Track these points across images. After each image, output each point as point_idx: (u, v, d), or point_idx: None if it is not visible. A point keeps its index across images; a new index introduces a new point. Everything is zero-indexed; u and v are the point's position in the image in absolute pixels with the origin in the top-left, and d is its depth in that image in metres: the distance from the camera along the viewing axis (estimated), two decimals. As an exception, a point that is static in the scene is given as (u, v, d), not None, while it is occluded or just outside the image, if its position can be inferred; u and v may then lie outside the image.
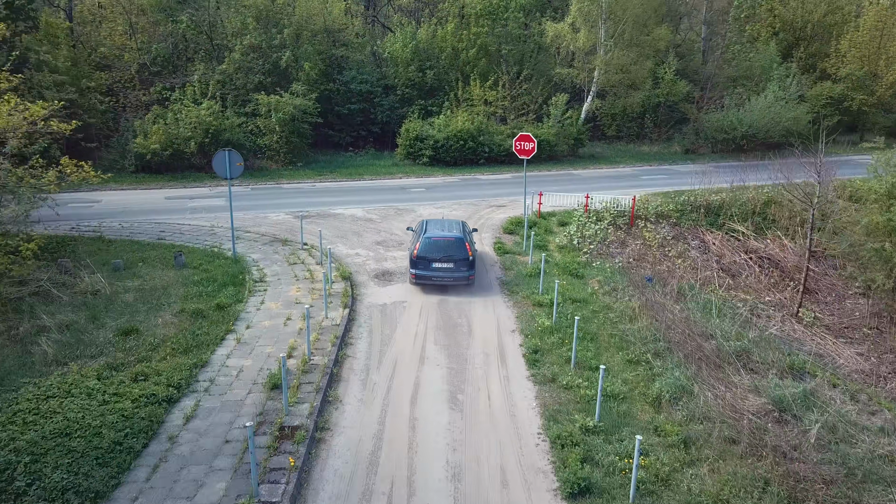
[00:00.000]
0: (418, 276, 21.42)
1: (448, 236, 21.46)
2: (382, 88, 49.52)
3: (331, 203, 34.40)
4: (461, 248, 21.32)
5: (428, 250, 21.22)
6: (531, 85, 48.16)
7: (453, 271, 21.23)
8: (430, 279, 21.39)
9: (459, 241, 21.40)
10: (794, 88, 50.99)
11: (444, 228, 22.37)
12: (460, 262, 21.26)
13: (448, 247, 21.27)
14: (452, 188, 38.80)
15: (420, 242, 21.41)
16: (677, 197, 33.71)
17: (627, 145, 52.27)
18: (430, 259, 21.20)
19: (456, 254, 21.24)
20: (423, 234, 21.79)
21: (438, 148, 44.68)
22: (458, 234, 21.70)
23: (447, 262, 21.20)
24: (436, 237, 21.44)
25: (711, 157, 49.78)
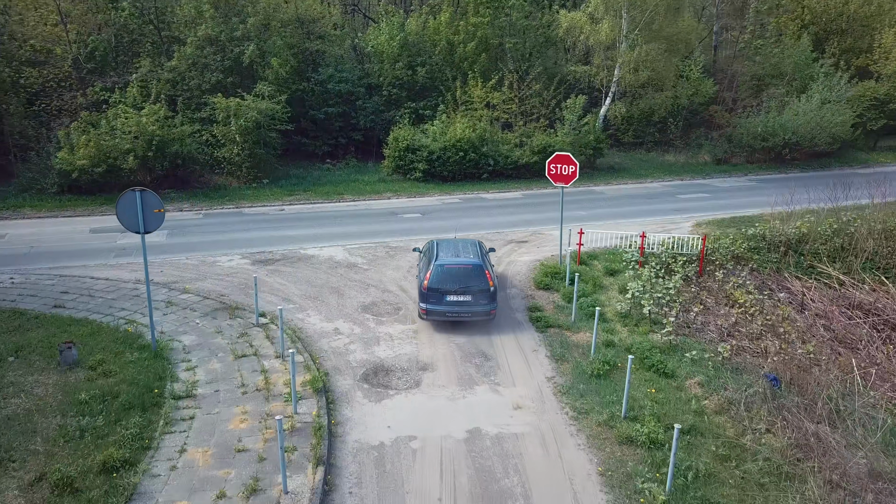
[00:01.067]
0: (430, 311, 17.70)
1: (464, 263, 17.73)
2: (365, 89, 41.34)
3: (303, 238, 26.25)
4: (480, 277, 17.58)
5: (441, 280, 17.52)
6: (542, 85, 40.20)
7: (471, 305, 17.56)
8: (444, 315, 17.68)
9: (478, 269, 17.65)
10: (843, 89, 43.55)
11: (459, 252, 18.45)
12: (479, 294, 17.55)
13: (464, 276, 17.58)
14: (454, 213, 30.82)
15: (431, 271, 17.67)
16: (747, 231, 25.98)
17: (648, 154, 44.58)
18: (443, 291, 17.53)
19: (474, 284, 17.51)
20: (434, 261, 17.95)
21: (433, 161, 36.65)
22: (475, 259, 17.94)
23: (464, 294, 17.53)
24: (449, 264, 17.73)
25: (748, 169, 42.23)
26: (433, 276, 17.54)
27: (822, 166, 43.35)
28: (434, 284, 17.52)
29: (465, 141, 36.54)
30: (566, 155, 21.71)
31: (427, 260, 18.71)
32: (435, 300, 17.62)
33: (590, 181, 38.32)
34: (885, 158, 46.02)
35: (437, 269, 17.63)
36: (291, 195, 33.96)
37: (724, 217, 30.10)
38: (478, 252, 18.62)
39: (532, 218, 29.75)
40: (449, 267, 17.66)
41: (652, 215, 30.54)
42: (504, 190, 36.17)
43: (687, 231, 27.97)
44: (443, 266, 17.68)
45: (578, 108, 38.82)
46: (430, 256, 18.53)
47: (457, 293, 17.54)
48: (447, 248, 18.84)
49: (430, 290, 17.56)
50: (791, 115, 41.83)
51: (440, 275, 17.55)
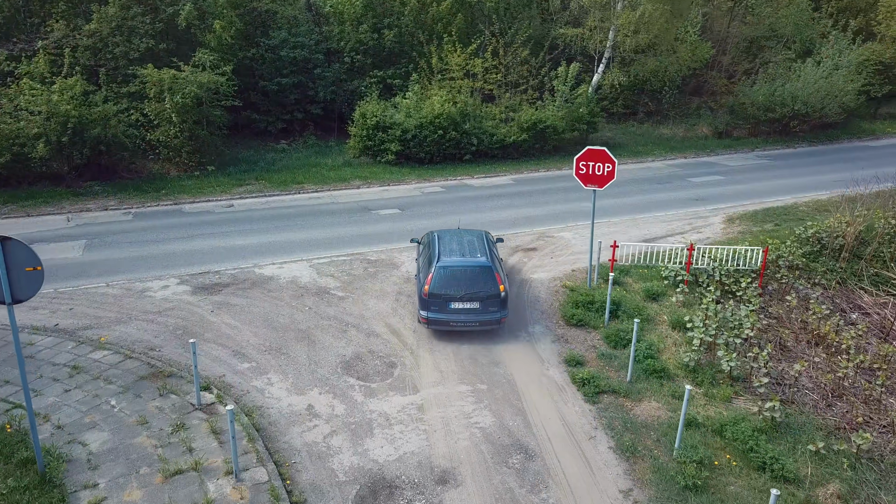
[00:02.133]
0: (431, 320, 15.25)
1: (470, 265, 15.21)
2: (324, 55, 35.44)
3: (257, 250, 20.82)
4: (489, 280, 15.05)
5: (443, 285, 15.03)
6: (529, 51, 34.80)
7: (479, 313, 15.11)
8: (449, 324, 15.20)
9: (486, 270, 15.15)
10: (853, 54, 39.18)
11: (464, 250, 15.88)
12: (489, 300, 15.05)
13: (471, 279, 15.07)
14: (439, 207, 25.59)
15: (433, 274, 15.13)
16: (799, 232, 21.43)
17: (642, 127, 39.75)
18: (446, 297, 15.04)
19: (482, 289, 15.03)
20: (436, 262, 15.36)
21: (408, 141, 31.20)
22: (483, 259, 15.38)
23: (470, 300, 15.06)
24: (453, 265, 15.22)
25: (752, 143, 37.78)
26: (435, 280, 15.01)
27: (830, 139, 39.23)
28: (436, 290, 14.99)
29: (445, 117, 31.15)
30: (600, 150, 16.63)
31: (427, 259, 16.01)
32: (437, 307, 15.11)
33: (585, 161, 33.34)
34: (892, 129, 42.13)
35: (440, 273, 15.09)
36: (241, 185, 28.25)
37: (756, 209, 25.52)
38: (485, 248, 15.97)
39: (533, 214, 24.73)
40: (453, 269, 15.12)
41: (670, 207, 25.81)
42: (491, 174, 30.99)
43: (720, 229, 23.33)
44: (446, 268, 15.14)
45: (571, 78, 33.67)
46: (431, 254, 15.88)
47: (462, 300, 15.04)
48: (450, 243, 16.25)
49: (432, 297, 15.04)
50: (800, 83, 37.37)
51: (443, 278, 15.03)
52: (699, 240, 22.17)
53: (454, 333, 15.72)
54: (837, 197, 27.03)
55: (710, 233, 22.91)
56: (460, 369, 14.29)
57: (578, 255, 20.57)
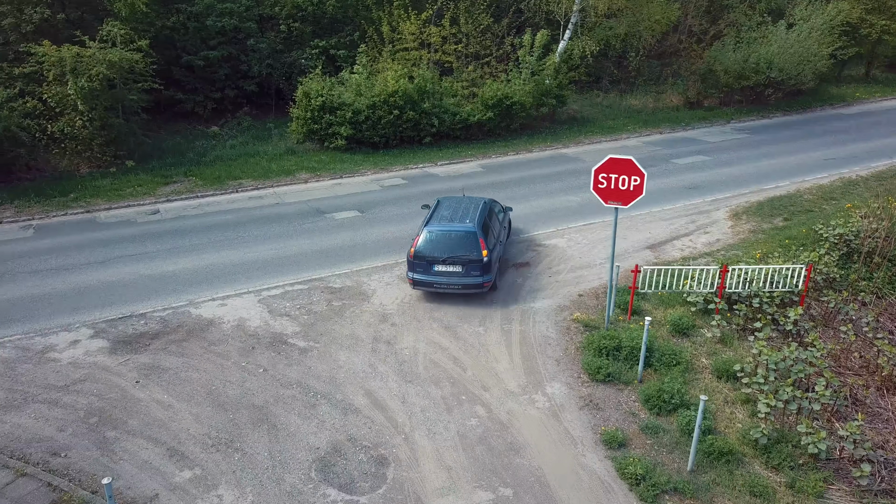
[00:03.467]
0: (416, 281, 15.49)
1: (455, 230, 15.33)
2: (257, 23, 30.77)
3: (191, 276, 16.78)
4: (472, 245, 15.07)
5: (428, 248, 15.23)
6: (491, 18, 30.84)
7: (462, 276, 15.17)
8: (432, 286, 15.40)
9: (470, 235, 15.19)
10: (826, 14, 36.56)
11: (455, 216, 15.98)
12: (471, 264, 15.04)
13: (454, 244, 15.16)
14: (403, 206, 21.84)
15: (420, 237, 15.42)
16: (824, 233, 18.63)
17: (608, 97, 36.48)
18: (430, 260, 15.20)
19: (465, 253, 15.05)
20: (424, 225, 15.73)
21: (360, 123, 27.13)
22: (469, 225, 15.37)
23: (453, 264, 15.11)
24: (438, 230, 15.41)
25: (726, 114, 35.00)
26: (420, 243, 15.39)
27: (803, 107, 36.80)
28: (421, 252, 15.33)
29: (401, 95, 27.13)
30: (625, 160, 13.19)
31: (423, 222, 16.22)
32: (422, 269, 15.41)
33: (556, 141, 29.95)
34: (860, 93, 40.07)
35: (426, 236, 15.46)
36: (168, 183, 23.82)
37: (759, 199, 22.65)
38: (477, 216, 15.98)
39: (514, 214, 21.22)
40: (439, 233, 15.44)
41: (664, 199, 22.70)
42: (456, 159, 27.27)
43: (727, 228, 20.38)
44: (431, 232, 15.50)
45: (539, 47, 29.98)
46: (425, 219, 16.37)
47: (445, 263, 15.27)
48: (446, 209, 16.64)
49: (417, 258, 15.39)
50: (775, 48, 34.62)
51: (428, 241, 15.37)
52: (709, 244, 19.17)
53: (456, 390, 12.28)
54: (838, 180, 24.49)
55: (719, 233, 19.92)
56: (472, 463, 10.88)
57: (581, 272, 17.27)
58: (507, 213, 18.70)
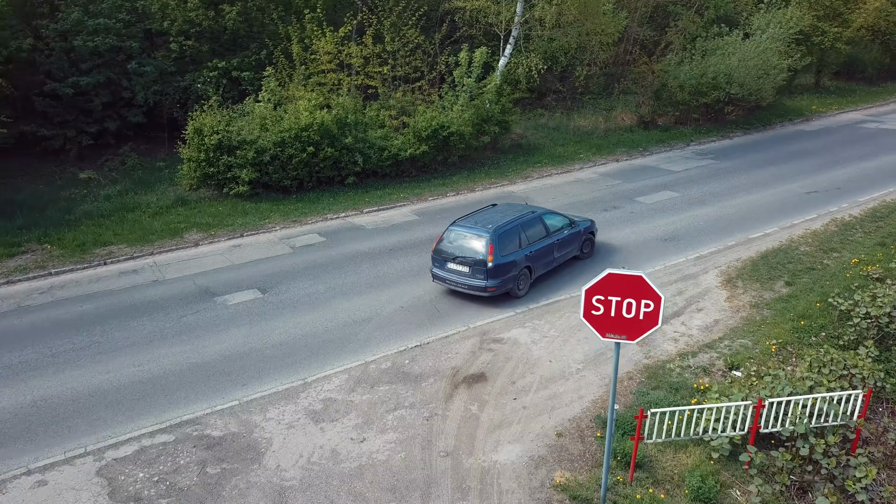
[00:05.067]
0: (434, 274, 16.04)
1: (471, 232, 15.54)
2: (140, 42, 25.17)
3: (9, 427, 11.42)
4: (480, 249, 15.17)
5: (445, 245, 15.77)
6: (420, 34, 25.97)
7: (468, 277, 15.40)
8: (444, 281, 15.85)
9: (481, 239, 15.27)
10: (792, 22, 33.09)
11: (486, 220, 15.94)
12: (475, 266, 15.20)
13: (465, 246, 15.44)
14: (319, 279, 16.86)
15: (442, 234, 16.09)
16: (838, 304, 14.53)
17: (553, 116, 32.08)
18: (445, 257, 15.66)
19: (471, 255, 15.27)
20: (451, 223, 16.21)
21: (266, 164, 21.94)
22: (485, 231, 15.39)
23: (461, 264, 15.40)
24: (458, 230, 15.79)
25: (683, 134, 31.07)
26: (441, 240, 15.87)
27: (763, 123, 33.28)
28: (439, 248, 15.80)
29: (316, 128, 22.06)
30: (633, 278, 8.53)
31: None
32: (439, 265, 15.81)
33: (500, 175, 25.36)
34: (817, 106, 36.88)
35: (446, 234, 15.88)
36: (14, 254, 18.19)
37: (749, 255, 18.47)
38: (504, 222, 15.76)
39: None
40: (457, 233, 15.71)
41: (642, 259, 18.33)
42: (385, 204, 22.35)
43: (723, 300, 16.10)
44: (450, 231, 15.85)
45: (478, 66, 25.32)
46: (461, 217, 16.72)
47: (455, 261, 15.48)
48: (485, 213, 16.66)
49: (436, 253, 15.86)
50: (735, 61, 30.87)
51: (447, 240, 15.76)
52: (707, 328, 14.83)
53: None
54: (831, 223, 20.65)
55: (715, 310, 15.62)
56: None
57: (555, 387, 12.63)
58: (577, 225, 17.58)
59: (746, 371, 13.03)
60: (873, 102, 38.57)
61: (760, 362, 13.33)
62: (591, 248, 18.20)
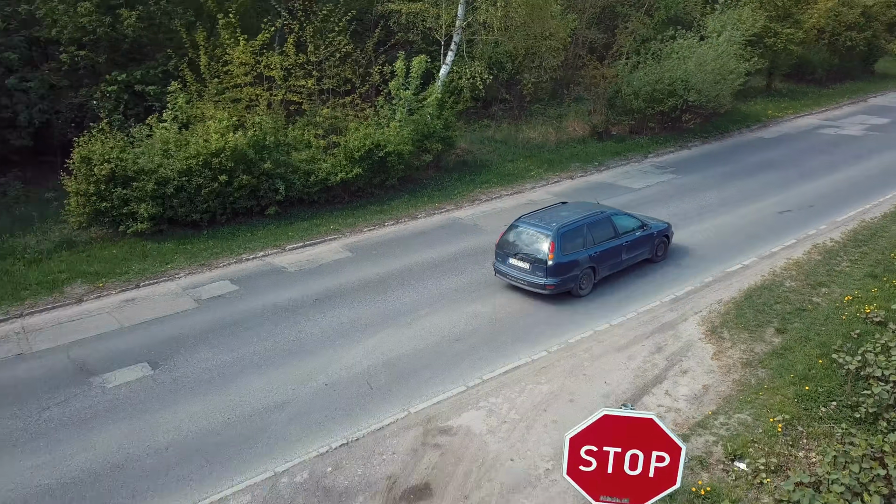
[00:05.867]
0: (496, 269, 16.05)
1: (533, 228, 15.46)
2: (23, 51, 21.39)
3: None
4: (542, 247, 14.99)
5: (509, 240, 15.73)
6: (350, 41, 22.77)
7: (528, 274, 15.27)
8: (505, 276, 15.82)
9: (543, 237, 15.10)
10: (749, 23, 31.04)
11: (552, 218, 15.77)
12: (536, 263, 15.05)
13: (527, 242, 15.36)
14: (225, 345, 13.64)
15: (506, 229, 16.07)
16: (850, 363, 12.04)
17: (500, 128, 29.26)
18: (507, 252, 15.67)
19: (532, 252, 15.15)
20: (517, 218, 16.18)
21: (169, 197, 18.49)
22: (549, 227, 15.20)
23: (522, 260, 15.32)
24: (522, 226, 15.73)
25: (640, 145, 28.66)
26: (504, 235, 15.87)
27: (721, 131, 31.13)
28: (502, 243, 15.80)
29: (229, 153, 18.73)
30: (642, 420, 5.67)
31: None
32: (500, 259, 15.81)
33: (445, 198, 22.41)
34: (772, 110, 35.01)
35: (509, 229, 15.88)
36: None
37: (733, 295, 15.93)
38: (569, 221, 15.48)
39: (396, 348, 13.54)
40: (520, 230, 15.65)
41: (609, 305, 15.69)
42: (314, 237, 19.16)
43: (709, 358, 13.49)
44: (514, 227, 15.82)
45: (417, 76, 22.31)
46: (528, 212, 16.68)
47: (516, 257, 15.42)
48: (552, 210, 16.52)
49: (498, 247, 15.88)
50: (692, 66, 28.59)
51: (511, 235, 15.73)
52: (696, 398, 12.19)
53: None
54: (813, 251, 18.35)
55: (703, 372, 12.98)
56: None
57: (519, 500, 9.74)
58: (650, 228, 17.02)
59: (753, 463, 10.40)
60: (826, 105, 36.97)
61: (767, 448, 10.72)
62: (664, 252, 17.78)
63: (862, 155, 27.51)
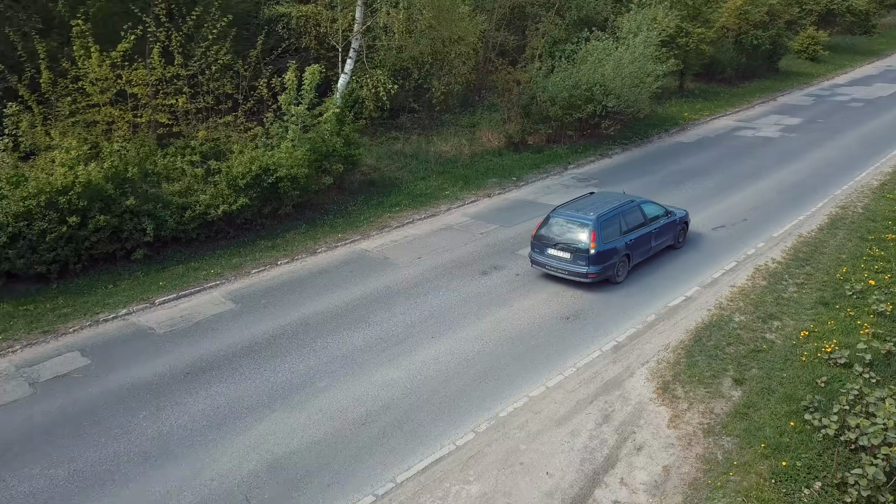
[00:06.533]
0: (533, 259, 16.06)
1: (574, 218, 15.56)
2: None
3: None
4: (582, 236, 15.14)
5: (547, 231, 15.74)
6: (231, 49, 19.52)
7: (569, 263, 15.34)
8: (544, 266, 15.82)
9: (583, 227, 15.25)
10: (664, 24, 29.50)
11: (587, 207, 15.95)
12: (578, 253, 15.18)
13: (567, 232, 15.42)
14: (62, 452, 10.39)
15: (543, 220, 16.11)
16: (828, 425, 10.05)
17: (409, 140, 26.57)
18: (545, 242, 15.64)
19: (573, 242, 15.25)
20: (553, 210, 16.28)
21: (4, 246, 14.86)
22: (589, 216, 15.40)
23: (563, 250, 15.36)
24: (559, 217, 15.80)
25: (558, 156, 26.60)
26: (542, 225, 15.90)
27: (640, 136, 29.49)
28: (540, 233, 15.80)
29: (82, 189, 15.27)
30: None
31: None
32: (538, 250, 15.82)
33: (349, 226, 19.54)
34: (688, 112, 33.78)
35: (547, 220, 15.91)
36: None
37: (679, 337, 13.82)
38: (604, 210, 15.65)
39: (286, 439, 10.70)
40: (558, 220, 15.73)
41: (541, 359, 13.30)
42: (190, 285, 15.93)
43: (664, 423, 11.26)
44: (551, 218, 15.86)
45: (310, 89, 19.32)
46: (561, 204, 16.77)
47: (557, 247, 15.45)
48: (586, 200, 16.75)
49: (536, 239, 15.87)
50: (609, 69, 26.74)
51: (547, 224, 15.82)
52: (657, 487, 9.89)
53: None
54: (756, 274, 16.57)
55: (661, 449, 10.71)
56: None
57: None
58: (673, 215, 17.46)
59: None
60: (739, 106, 36.10)
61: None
62: (684, 238, 18.15)
63: (783, 158, 26.35)
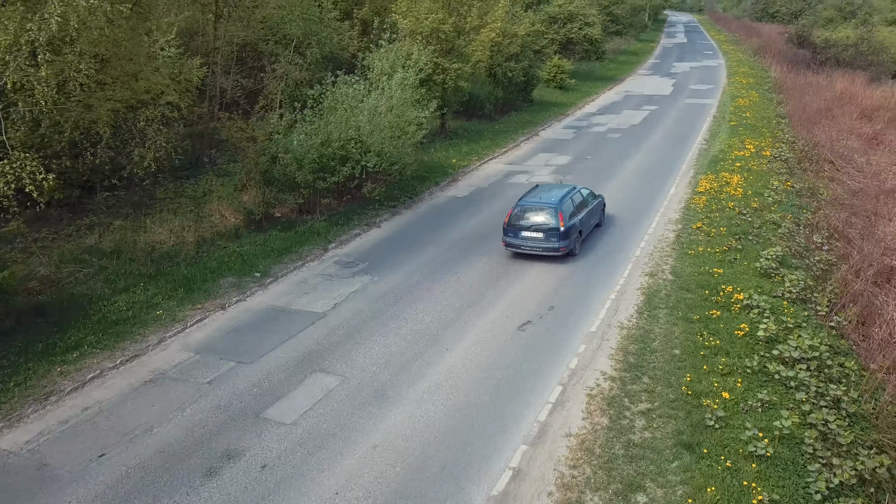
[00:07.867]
0: (507, 242, 18.52)
1: (539, 203, 18.40)
2: None
3: None
4: (552, 217, 17.92)
5: (517, 218, 18.29)
6: None
7: (542, 241, 17.98)
8: (519, 247, 18.35)
9: (551, 209, 18.02)
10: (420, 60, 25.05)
11: (545, 195, 19.02)
12: (549, 231, 17.84)
13: (537, 216, 18.07)
14: None
15: (512, 209, 18.58)
16: None
17: (112, 231, 19.11)
18: (518, 227, 18.19)
19: (545, 223, 17.95)
20: (518, 201, 18.97)
21: None
22: (552, 203, 18.31)
23: (536, 231, 18.01)
24: (526, 204, 18.56)
25: (319, 233, 20.92)
26: (513, 214, 18.32)
27: (409, 195, 24.73)
28: (512, 221, 18.24)
29: None
30: None
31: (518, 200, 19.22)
32: (512, 234, 18.22)
33: (-11, 405, 12.09)
34: (456, 158, 29.85)
35: (516, 208, 18.43)
36: None
37: None
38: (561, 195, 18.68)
39: None
40: (526, 207, 18.30)
41: None
42: None
43: None
44: (521, 205, 18.48)
45: None
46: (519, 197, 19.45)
47: (529, 230, 17.97)
48: (540, 190, 19.79)
49: (509, 226, 18.27)
50: (364, 120, 21.66)
51: (517, 212, 18.28)
52: None
53: None
54: (592, 406, 12.29)
55: None
56: None
57: None
58: (600, 197, 21.08)
59: None
60: (505, 145, 33.24)
61: None
62: (603, 218, 21.15)
63: (567, 210, 23.12)
